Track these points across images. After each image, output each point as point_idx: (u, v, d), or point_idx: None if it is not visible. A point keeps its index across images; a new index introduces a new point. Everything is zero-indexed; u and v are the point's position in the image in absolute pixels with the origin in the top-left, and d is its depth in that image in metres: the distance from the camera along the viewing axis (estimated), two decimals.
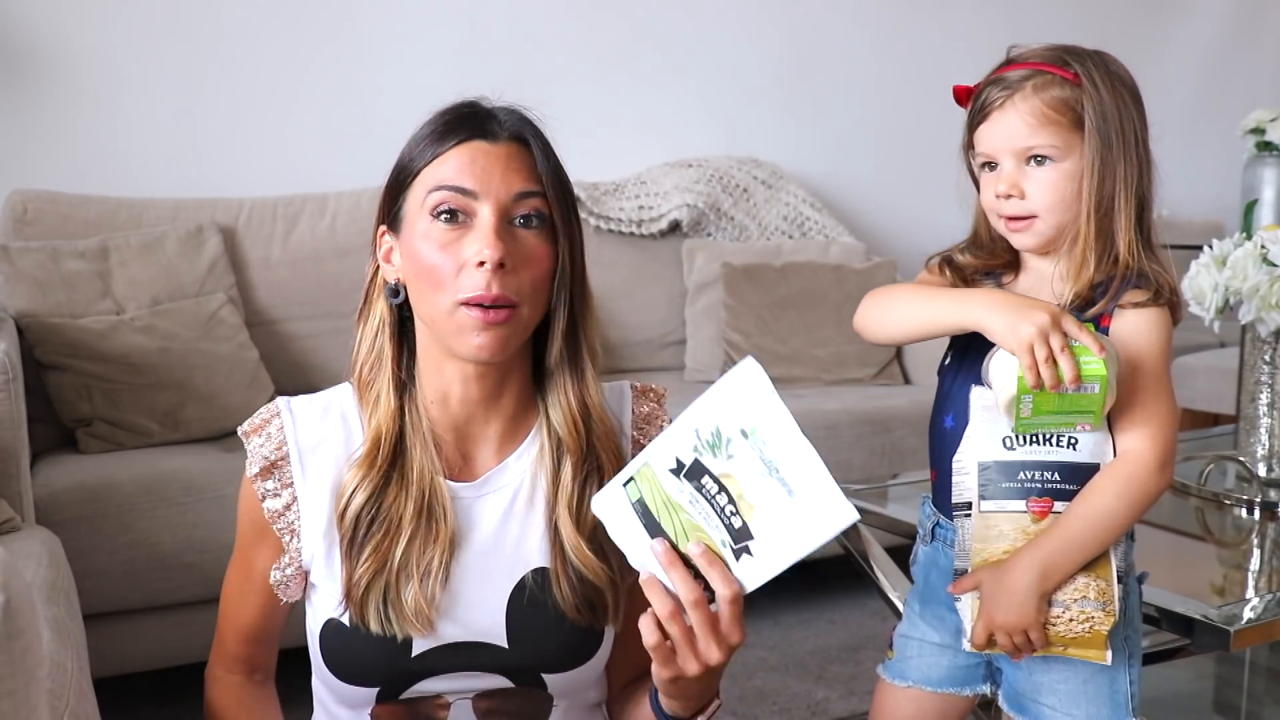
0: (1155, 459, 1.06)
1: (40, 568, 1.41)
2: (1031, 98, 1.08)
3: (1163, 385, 1.08)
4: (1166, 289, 1.09)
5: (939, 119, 3.95)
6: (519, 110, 1.04)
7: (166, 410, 2.25)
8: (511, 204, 0.99)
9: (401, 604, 1.00)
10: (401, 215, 1.02)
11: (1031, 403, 1.02)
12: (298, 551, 1.04)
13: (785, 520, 0.85)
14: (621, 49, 3.32)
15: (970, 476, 1.09)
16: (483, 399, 1.05)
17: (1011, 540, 1.08)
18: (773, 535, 0.86)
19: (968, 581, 1.09)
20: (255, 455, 1.05)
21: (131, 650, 2.04)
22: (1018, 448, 1.08)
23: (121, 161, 2.74)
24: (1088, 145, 1.08)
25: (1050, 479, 1.07)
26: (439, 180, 0.99)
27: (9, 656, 0.68)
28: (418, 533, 1.01)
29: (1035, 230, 1.11)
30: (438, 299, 0.97)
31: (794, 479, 0.86)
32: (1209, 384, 3.11)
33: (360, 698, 1.04)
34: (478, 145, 1.00)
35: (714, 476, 0.88)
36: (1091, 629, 1.07)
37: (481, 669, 1.03)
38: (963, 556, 1.11)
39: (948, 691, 1.23)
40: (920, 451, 2.63)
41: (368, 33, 2.99)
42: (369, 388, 1.05)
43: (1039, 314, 1.00)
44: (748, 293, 3.00)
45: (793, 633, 2.54)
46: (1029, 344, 0.99)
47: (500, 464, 1.06)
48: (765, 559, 0.87)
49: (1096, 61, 1.10)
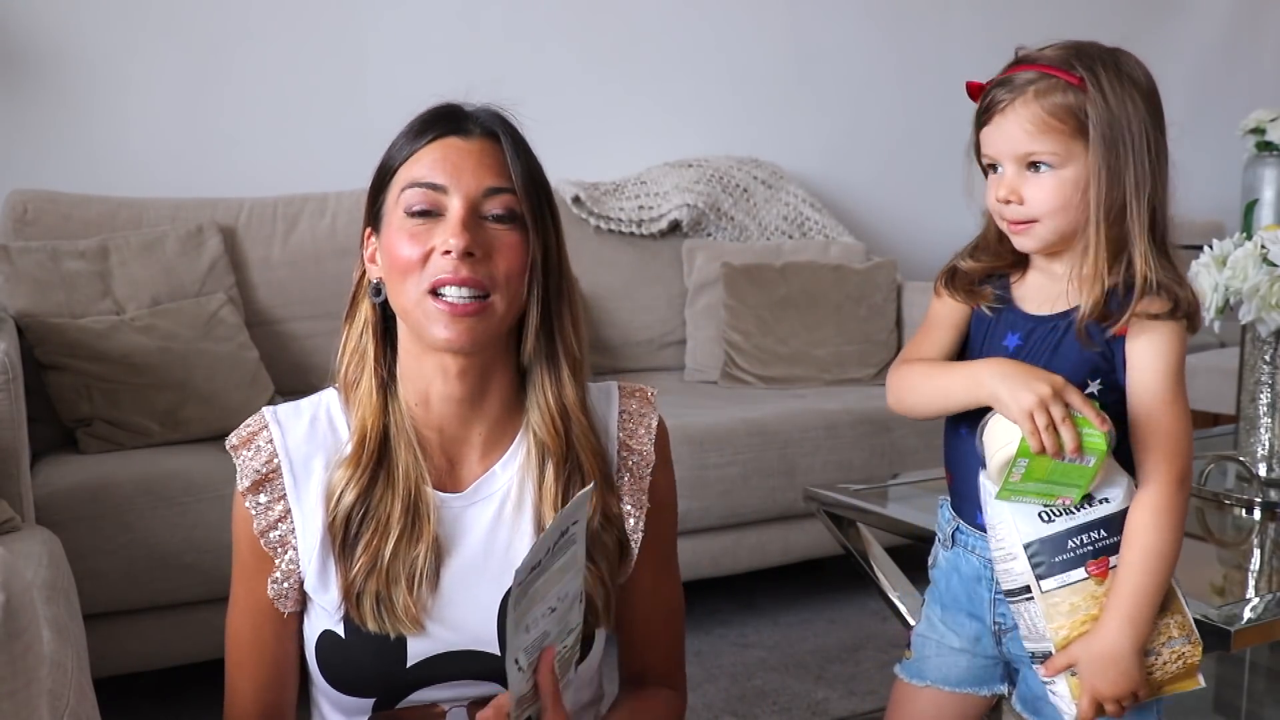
0: (1175, 480, 1.06)
1: (40, 568, 1.41)
2: (1033, 103, 1.06)
3: (1178, 402, 1.08)
4: (1184, 302, 1.07)
5: (939, 119, 3.97)
6: (495, 109, 1.05)
7: (166, 410, 2.25)
8: (482, 199, 1.00)
9: (393, 603, 1.00)
10: (381, 214, 1.04)
11: (1025, 467, 1.02)
12: (294, 564, 1.04)
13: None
14: (621, 49, 3.32)
15: (1019, 561, 1.07)
16: (464, 398, 1.05)
17: (1086, 610, 1.06)
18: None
19: (1060, 661, 1.08)
20: (245, 469, 1.04)
21: (131, 650, 2.04)
22: (1055, 519, 1.06)
23: (121, 161, 2.74)
24: (1092, 153, 1.05)
25: (1100, 538, 1.06)
26: (412, 178, 1.01)
27: (9, 656, 0.68)
28: (405, 532, 1.02)
29: (1035, 234, 1.10)
30: (406, 287, 0.99)
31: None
32: (1209, 384, 3.11)
33: (357, 708, 1.04)
34: (450, 142, 1.02)
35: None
36: (1185, 664, 1.08)
37: (476, 677, 1.03)
38: (1034, 638, 1.09)
39: (966, 691, 1.22)
40: (920, 451, 2.64)
41: (368, 33, 2.99)
42: (353, 386, 1.06)
43: (1042, 383, 1.01)
44: (748, 293, 3.00)
45: (793, 633, 2.54)
46: (1029, 410, 1.00)
47: (488, 471, 1.06)
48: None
49: (1108, 63, 1.07)
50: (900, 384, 1.18)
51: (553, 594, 0.90)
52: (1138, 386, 1.08)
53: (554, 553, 0.88)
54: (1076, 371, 1.09)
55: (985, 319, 1.16)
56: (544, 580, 0.88)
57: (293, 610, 1.06)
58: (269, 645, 1.07)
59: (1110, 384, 1.10)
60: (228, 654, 1.09)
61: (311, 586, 1.03)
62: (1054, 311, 1.12)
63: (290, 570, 1.04)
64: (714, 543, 2.51)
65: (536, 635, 0.91)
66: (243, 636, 1.08)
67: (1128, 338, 1.08)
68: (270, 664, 1.08)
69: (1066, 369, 1.09)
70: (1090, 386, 1.09)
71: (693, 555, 2.49)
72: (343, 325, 1.08)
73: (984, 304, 1.16)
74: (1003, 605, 1.16)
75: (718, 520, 2.48)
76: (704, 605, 2.68)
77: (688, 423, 2.43)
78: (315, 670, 1.05)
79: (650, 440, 1.11)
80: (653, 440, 1.12)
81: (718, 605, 2.69)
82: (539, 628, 0.90)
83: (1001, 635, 1.18)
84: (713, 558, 2.52)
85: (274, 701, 1.09)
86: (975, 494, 1.13)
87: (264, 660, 1.08)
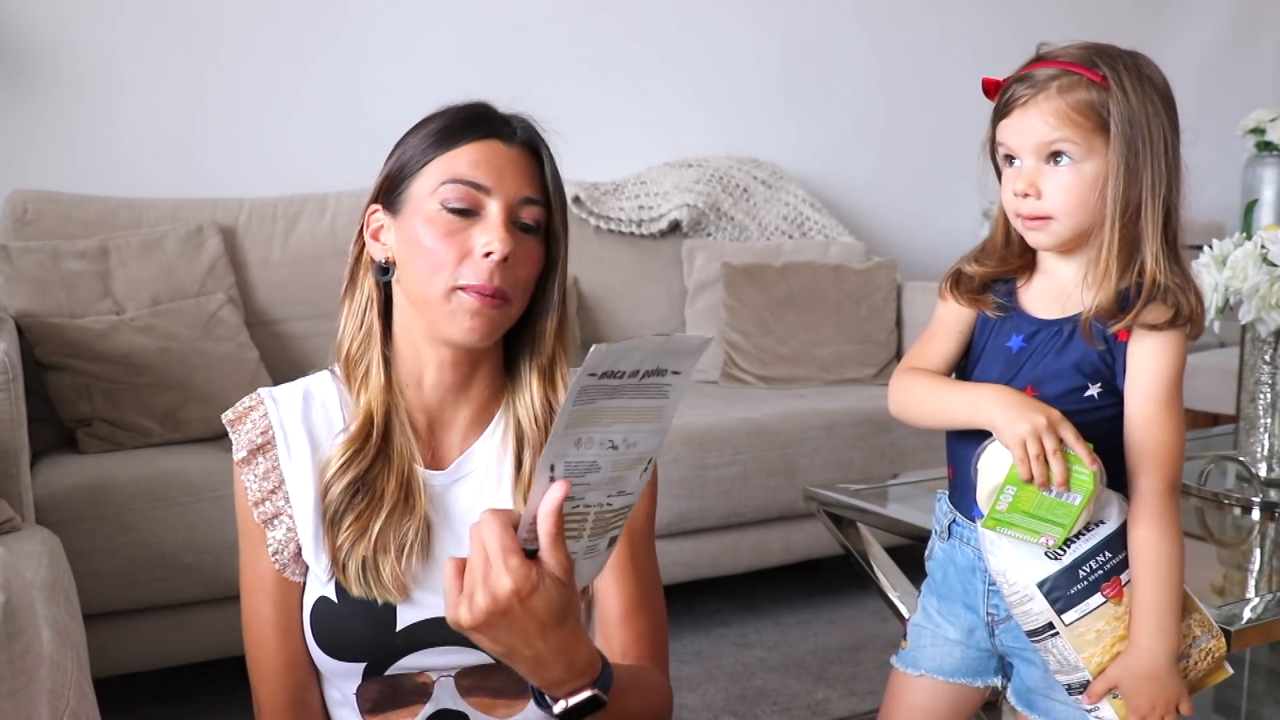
0: (1169, 488, 1.08)
1: (40, 568, 1.41)
2: (1056, 98, 1.07)
3: (1173, 411, 1.09)
4: (1187, 309, 1.08)
5: (939, 119, 3.98)
6: (529, 118, 1.08)
7: (166, 410, 2.25)
8: (517, 206, 1.03)
9: (380, 573, 1.02)
10: (404, 198, 1.05)
11: (1013, 496, 1.04)
12: (291, 530, 1.05)
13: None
14: (621, 49, 3.32)
15: (1036, 600, 1.08)
16: (455, 385, 1.09)
17: (1112, 632, 1.08)
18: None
19: (1101, 688, 1.09)
20: (241, 441, 1.07)
21: (131, 650, 2.04)
22: (1062, 555, 1.07)
23: (121, 161, 2.74)
24: (1113, 150, 1.06)
25: (1107, 560, 1.08)
26: (454, 173, 1.02)
27: (9, 656, 0.68)
28: (396, 507, 1.04)
29: (1051, 230, 1.10)
30: (434, 281, 1.01)
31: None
32: (1209, 384, 3.11)
33: (347, 673, 1.05)
34: (493, 144, 1.04)
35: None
36: (1213, 659, 1.11)
37: (463, 644, 1.02)
38: (1066, 670, 1.10)
39: (960, 681, 1.23)
40: (920, 452, 2.64)
41: (367, 33, 2.99)
42: (357, 364, 1.07)
43: (1039, 415, 1.03)
44: (748, 293, 3.00)
45: (793, 633, 2.54)
46: (1023, 438, 1.02)
47: (468, 449, 1.09)
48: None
49: (1129, 64, 1.08)
50: (902, 394, 1.20)
51: (619, 429, 0.81)
52: (1136, 394, 1.09)
53: (640, 385, 0.79)
54: (1076, 372, 1.10)
55: (990, 321, 1.17)
56: (616, 405, 0.79)
57: (300, 579, 1.07)
58: (286, 618, 1.07)
59: (1110, 389, 1.10)
60: (246, 640, 1.08)
61: (308, 554, 1.05)
62: (1060, 315, 1.13)
63: (289, 538, 1.05)
64: (714, 543, 2.51)
65: (585, 460, 0.81)
66: (260, 615, 1.07)
67: (1129, 344, 1.09)
68: (292, 638, 1.06)
69: (1066, 369, 1.10)
70: (1090, 389, 1.10)
71: (693, 555, 2.49)
72: (342, 299, 1.10)
73: (987, 310, 1.16)
74: (996, 597, 1.17)
75: (718, 520, 2.48)
76: (704, 605, 2.68)
77: (688, 423, 2.43)
78: (310, 636, 1.06)
79: None
80: None
81: (718, 605, 2.69)
82: (590, 452, 0.80)
83: (995, 627, 1.19)
84: (713, 558, 2.52)
85: (300, 682, 1.08)
86: (974, 488, 1.14)
87: (286, 634, 1.06)
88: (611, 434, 0.80)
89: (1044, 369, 1.11)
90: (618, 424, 0.80)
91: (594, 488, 0.83)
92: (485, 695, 1.07)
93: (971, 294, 1.17)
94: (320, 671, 1.09)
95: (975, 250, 1.21)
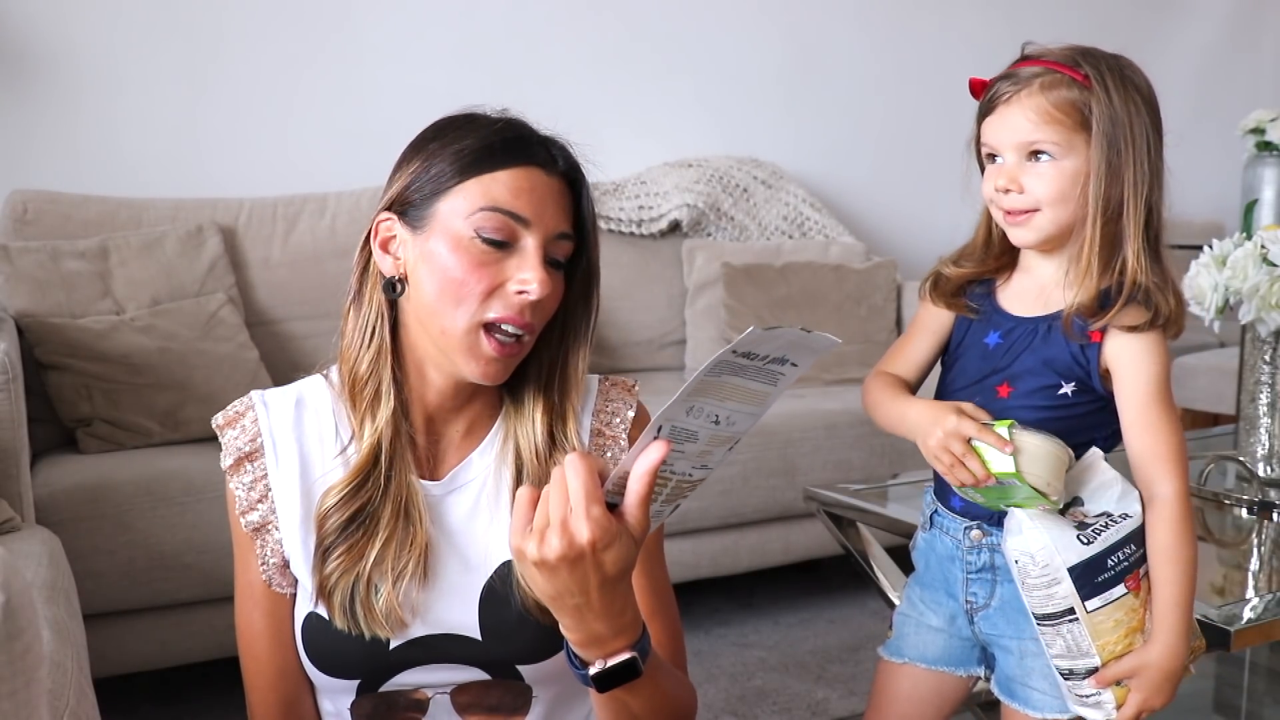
0: (1183, 491, 1.09)
1: (40, 568, 1.41)
2: (1038, 95, 1.08)
3: (1166, 411, 1.09)
4: (1165, 310, 1.09)
5: (939, 119, 3.97)
6: (567, 144, 1.04)
7: (166, 410, 2.25)
8: (553, 242, 1.00)
9: (372, 604, 0.99)
10: (428, 215, 0.99)
11: (973, 492, 1.09)
12: (278, 542, 1.03)
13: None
14: (621, 49, 3.32)
15: (1063, 585, 1.08)
16: (455, 407, 1.06)
17: (1127, 623, 1.09)
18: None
19: (1113, 673, 1.10)
20: (230, 447, 1.05)
21: (131, 650, 2.04)
22: (1094, 540, 1.08)
23: (121, 161, 2.74)
24: (1094, 149, 1.07)
25: (1132, 553, 1.09)
26: (493, 200, 0.97)
27: (9, 656, 0.68)
28: (394, 535, 1.00)
29: (1035, 225, 1.11)
30: (457, 313, 0.97)
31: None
32: (1209, 384, 3.11)
33: (341, 688, 1.04)
34: (535, 173, 0.99)
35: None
36: (1193, 658, 1.15)
37: (457, 661, 1.02)
38: (1073, 656, 1.11)
39: (943, 670, 1.25)
40: (920, 452, 2.64)
41: (367, 33, 2.99)
42: (365, 384, 1.02)
43: (948, 418, 1.06)
44: (748, 293, 3.00)
45: (793, 633, 2.54)
46: (935, 454, 1.07)
47: (464, 460, 1.06)
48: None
49: (1111, 65, 1.09)
50: (868, 398, 1.23)
51: (729, 406, 0.81)
52: (1130, 400, 1.10)
53: (763, 369, 0.80)
54: (1049, 370, 1.11)
55: (968, 320, 1.19)
56: (735, 383, 0.80)
57: (289, 592, 1.05)
58: (277, 629, 1.05)
59: (1084, 388, 1.11)
60: (239, 647, 1.07)
61: (298, 568, 1.03)
62: (1040, 313, 1.14)
63: (276, 550, 1.03)
64: (714, 543, 2.51)
65: (690, 428, 0.81)
66: (252, 624, 1.06)
67: (1106, 348, 1.10)
68: (283, 649, 1.05)
69: (1038, 365, 1.11)
70: (1064, 388, 1.11)
71: (693, 555, 2.49)
72: (347, 309, 1.04)
73: (963, 313, 1.19)
74: (975, 584, 1.19)
75: (718, 520, 2.48)
76: (704, 605, 2.68)
77: None
78: (301, 651, 1.05)
79: (624, 428, 1.10)
80: (626, 428, 1.10)
81: (718, 605, 2.69)
82: (696, 422, 0.81)
83: (974, 614, 1.20)
84: (713, 558, 2.52)
85: (292, 692, 1.06)
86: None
87: (277, 645, 1.05)
88: (721, 409, 0.81)
89: (1019, 365, 1.13)
90: (729, 400, 0.81)
91: (685, 457, 0.83)
92: (482, 712, 1.05)
93: (949, 296, 1.19)
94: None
95: (955, 252, 1.22)
